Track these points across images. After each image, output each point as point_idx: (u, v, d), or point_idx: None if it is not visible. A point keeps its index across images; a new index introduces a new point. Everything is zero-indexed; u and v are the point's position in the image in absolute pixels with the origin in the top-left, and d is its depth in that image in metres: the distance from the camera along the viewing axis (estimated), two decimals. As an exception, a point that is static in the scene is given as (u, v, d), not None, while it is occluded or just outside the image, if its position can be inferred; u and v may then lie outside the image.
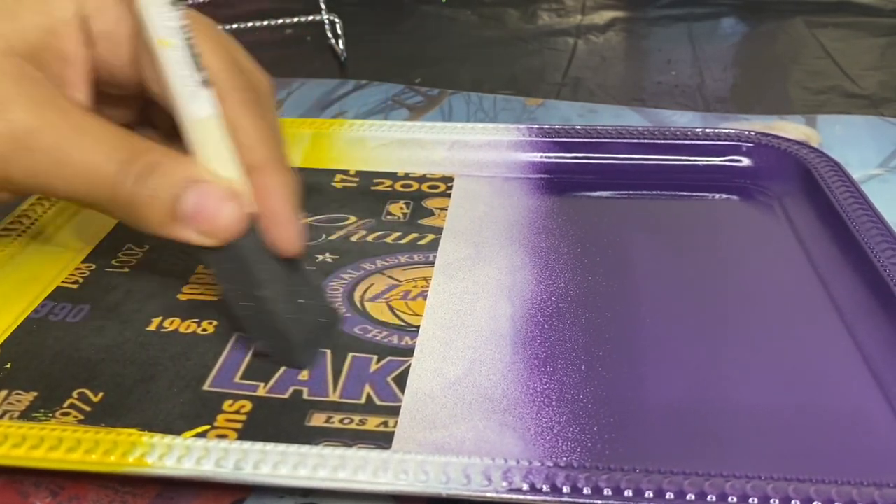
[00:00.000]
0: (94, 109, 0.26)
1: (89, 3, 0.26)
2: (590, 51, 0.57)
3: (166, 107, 0.25)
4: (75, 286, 0.32)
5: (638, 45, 0.60)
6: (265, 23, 0.55)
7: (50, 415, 0.25)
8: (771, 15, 0.63)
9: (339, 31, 0.57)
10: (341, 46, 0.56)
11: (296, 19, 0.57)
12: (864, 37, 0.58)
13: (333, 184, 0.39)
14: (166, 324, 0.30)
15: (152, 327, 0.29)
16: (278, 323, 0.26)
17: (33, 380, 0.27)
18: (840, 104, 0.48)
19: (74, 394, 0.26)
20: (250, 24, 0.56)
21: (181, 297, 0.31)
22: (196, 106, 0.24)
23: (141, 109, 0.29)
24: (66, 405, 0.26)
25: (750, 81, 0.53)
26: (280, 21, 0.56)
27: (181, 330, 0.29)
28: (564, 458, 0.24)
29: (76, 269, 0.33)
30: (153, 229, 0.24)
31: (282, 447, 0.22)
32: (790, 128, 0.44)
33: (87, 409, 0.26)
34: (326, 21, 0.57)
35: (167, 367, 0.28)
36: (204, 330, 0.29)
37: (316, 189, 0.38)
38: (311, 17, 0.57)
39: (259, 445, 0.23)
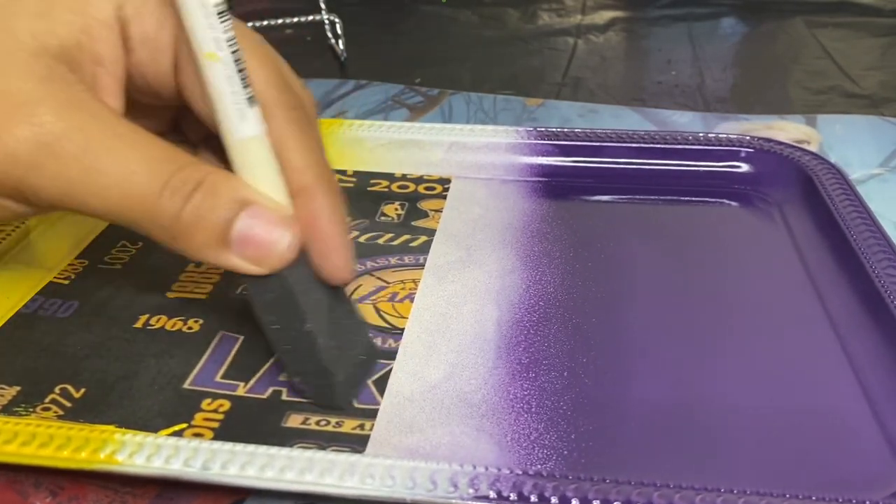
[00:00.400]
0: (126, 118, 0.24)
1: (129, 5, 0.23)
2: (590, 51, 0.57)
3: (208, 122, 0.24)
4: (67, 282, 0.32)
5: (638, 45, 0.60)
6: (265, 23, 0.56)
7: (31, 409, 0.26)
8: (771, 15, 0.62)
9: (339, 31, 0.57)
10: (341, 46, 0.56)
11: (296, 19, 0.57)
12: (864, 37, 0.58)
13: (330, 184, 0.39)
14: (153, 321, 0.30)
15: (139, 324, 0.30)
16: (321, 360, 0.25)
17: (17, 374, 0.27)
18: (840, 104, 0.48)
19: (56, 389, 0.26)
20: (250, 24, 0.56)
21: (170, 294, 0.31)
22: (243, 125, 0.22)
23: (171, 119, 0.28)
24: (47, 400, 0.26)
25: (750, 81, 0.53)
26: (280, 21, 0.56)
27: (167, 328, 0.29)
28: (539, 466, 0.24)
29: (69, 265, 0.33)
30: (197, 253, 0.23)
31: (251, 448, 0.22)
32: (790, 128, 0.44)
33: (68, 404, 0.26)
34: (326, 21, 0.57)
35: (150, 364, 0.28)
36: (189, 328, 0.29)
37: (312, 189, 0.38)
38: (311, 17, 0.57)
39: (228, 446, 0.23)
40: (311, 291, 0.24)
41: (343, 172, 0.39)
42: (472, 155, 0.39)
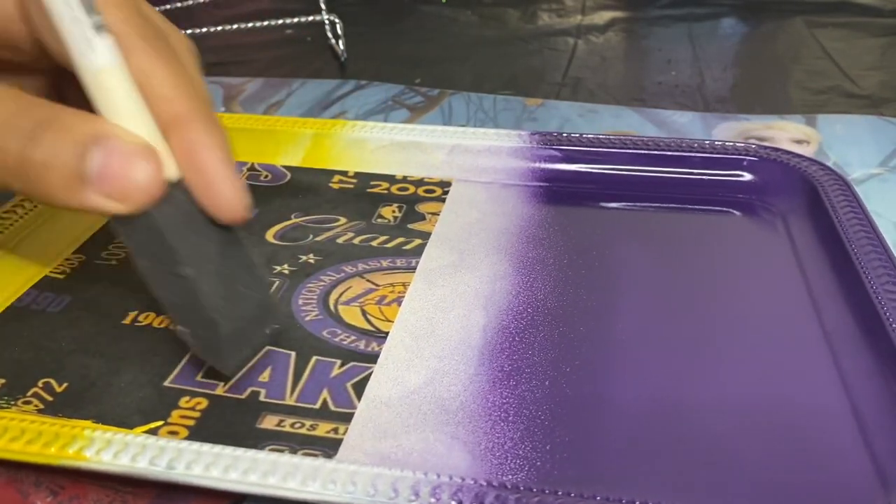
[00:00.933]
0: None
1: None
2: (590, 51, 0.56)
3: (65, 63, 0.21)
4: (62, 276, 0.32)
5: (638, 45, 0.59)
6: (265, 23, 0.56)
7: (12, 402, 0.26)
8: (771, 15, 0.62)
9: (339, 31, 0.57)
10: (341, 46, 0.56)
11: (296, 19, 0.56)
12: (864, 37, 0.57)
13: (331, 184, 0.39)
14: (141, 318, 0.30)
15: (127, 321, 0.30)
16: (204, 308, 0.23)
17: (3, 367, 0.27)
18: (840, 104, 0.47)
19: (40, 383, 0.27)
20: (250, 25, 0.56)
21: (160, 291, 0.31)
22: (92, 55, 0.20)
23: (54, 86, 0.26)
24: (29, 394, 0.26)
25: (750, 81, 0.52)
26: (280, 21, 0.56)
27: (154, 325, 0.30)
28: (510, 476, 0.23)
29: (66, 259, 0.33)
30: (59, 200, 0.21)
31: (217, 449, 0.22)
32: (790, 128, 0.43)
33: (49, 398, 0.26)
34: (326, 21, 0.57)
35: (134, 361, 0.28)
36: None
37: (312, 189, 0.38)
38: (311, 17, 0.57)
39: (195, 446, 0.23)
40: (190, 233, 0.22)
41: (344, 173, 0.39)
42: (473, 158, 0.39)
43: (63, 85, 0.26)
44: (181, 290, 0.23)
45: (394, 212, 0.37)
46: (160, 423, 0.25)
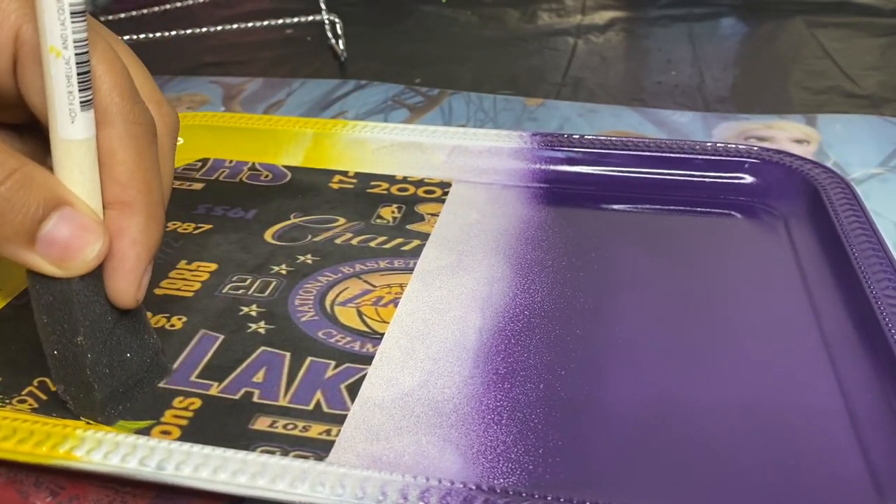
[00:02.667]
0: None
1: None
2: (590, 51, 0.56)
3: (42, 120, 0.23)
4: (61, 275, 0.32)
5: (638, 45, 0.59)
6: (265, 23, 0.56)
7: (7, 401, 0.26)
8: (771, 15, 0.62)
9: (339, 31, 0.57)
10: (341, 46, 0.56)
11: (296, 19, 0.57)
12: (864, 37, 0.57)
13: (331, 184, 0.39)
14: (137, 317, 0.30)
15: (124, 320, 0.30)
16: (87, 374, 0.24)
17: (0, 366, 0.28)
18: (840, 104, 0.47)
19: (35, 382, 0.27)
20: (250, 25, 0.56)
21: (157, 291, 0.31)
22: (70, 126, 0.22)
23: (22, 132, 0.26)
24: (24, 392, 0.26)
25: (750, 81, 0.52)
26: (280, 21, 0.56)
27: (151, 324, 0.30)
28: (501, 480, 0.23)
29: (65, 258, 0.33)
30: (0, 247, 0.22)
31: (207, 450, 0.22)
32: (790, 127, 0.43)
33: (44, 397, 0.26)
34: (326, 21, 0.57)
35: (129, 360, 0.28)
36: (172, 325, 0.30)
37: (312, 189, 0.38)
38: (311, 17, 0.57)
39: (186, 447, 0.22)
40: (95, 304, 0.24)
41: (345, 174, 0.39)
42: (474, 159, 0.39)
43: (24, 130, 0.26)
44: (70, 353, 0.24)
45: (393, 212, 0.36)
46: (152, 422, 0.25)
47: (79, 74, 0.22)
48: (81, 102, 0.22)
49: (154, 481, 0.22)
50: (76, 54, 0.22)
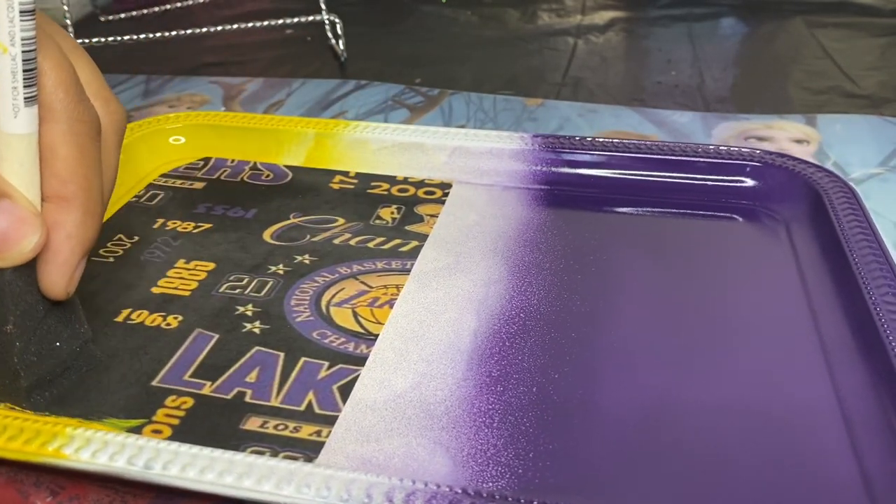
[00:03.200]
0: None
1: None
2: (590, 51, 0.56)
3: None
4: (59, 273, 0.32)
5: (638, 45, 0.59)
6: (265, 23, 0.56)
7: (2, 399, 0.26)
8: (771, 15, 0.62)
9: (339, 31, 0.57)
10: (341, 46, 0.56)
11: (296, 19, 0.57)
12: (864, 37, 0.57)
13: (331, 185, 0.39)
14: (134, 316, 0.30)
15: (120, 318, 0.30)
16: (12, 363, 0.25)
17: (-6, 363, 0.28)
18: (840, 104, 0.47)
19: None
20: (250, 25, 0.56)
21: (155, 290, 0.31)
22: (12, 121, 0.23)
23: None
24: None
25: (750, 81, 0.52)
26: (280, 21, 0.56)
27: (146, 323, 0.30)
28: (489, 484, 0.23)
29: (64, 256, 0.33)
30: None
31: (195, 450, 0.22)
32: (790, 127, 0.43)
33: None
34: (326, 21, 0.57)
35: (124, 359, 0.28)
36: (168, 324, 0.30)
37: (312, 189, 0.38)
38: (311, 17, 0.57)
39: (174, 446, 0.22)
40: (26, 294, 0.24)
41: (346, 174, 0.39)
42: (474, 160, 0.39)
43: None
44: None
45: (392, 213, 0.36)
46: (143, 420, 0.25)
47: (24, 71, 0.22)
48: (25, 98, 0.23)
49: (142, 480, 0.22)
50: (23, 51, 0.22)
